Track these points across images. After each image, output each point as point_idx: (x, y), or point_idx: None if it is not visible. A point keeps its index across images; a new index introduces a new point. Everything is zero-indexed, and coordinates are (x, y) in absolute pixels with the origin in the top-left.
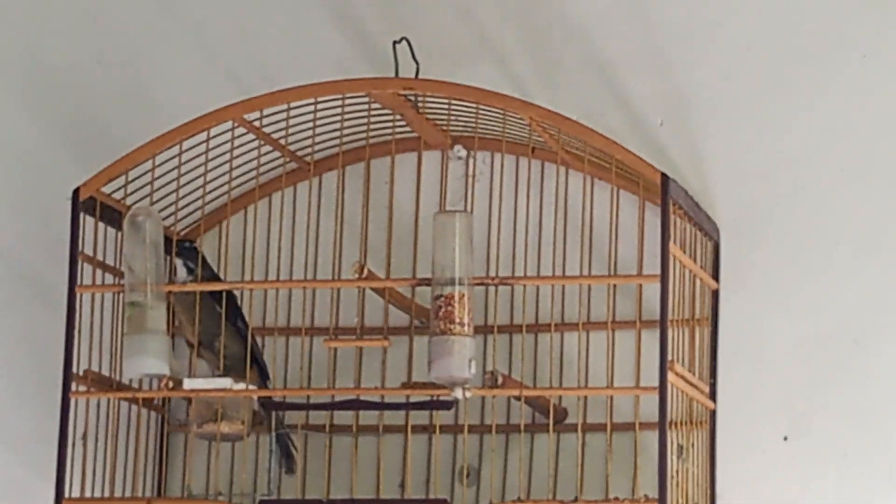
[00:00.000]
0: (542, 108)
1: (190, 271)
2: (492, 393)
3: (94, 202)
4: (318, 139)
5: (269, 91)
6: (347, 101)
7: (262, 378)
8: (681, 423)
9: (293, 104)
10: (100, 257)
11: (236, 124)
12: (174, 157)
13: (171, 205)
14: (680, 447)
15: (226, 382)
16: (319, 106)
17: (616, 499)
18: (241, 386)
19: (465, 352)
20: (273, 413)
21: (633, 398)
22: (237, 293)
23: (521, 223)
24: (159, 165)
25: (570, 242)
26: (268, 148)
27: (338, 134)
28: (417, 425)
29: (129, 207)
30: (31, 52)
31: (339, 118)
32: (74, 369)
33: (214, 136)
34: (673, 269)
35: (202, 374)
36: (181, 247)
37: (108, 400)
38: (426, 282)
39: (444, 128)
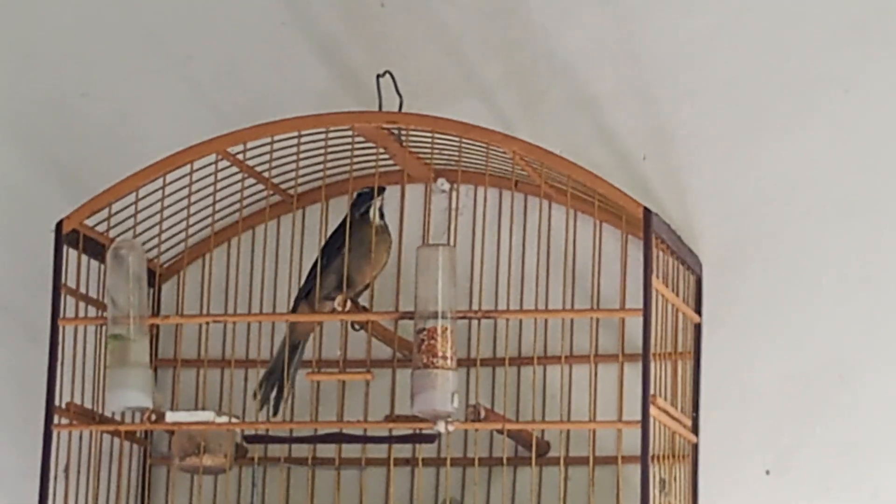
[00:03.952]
0: (525, 142)
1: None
2: (474, 426)
3: (77, 235)
4: (301, 172)
5: (253, 124)
6: (331, 135)
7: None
8: (663, 457)
9: (277, 137)
10: (83, 290)
11: (220, 157)
12: (157, 189)
13: (154, 237)
14: (662, 481)
15: (208, 415)
16: (303, 139)
17: None
18: (224, 419)
19: (448, 385)
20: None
21: (615, 432)
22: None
23: (504, 257)
24: (143, 198)
25: (553, 276)
26: (251, 181)
27: (321, 167)
28: (400, 458)
29: (112, 240)
30: (15, 84)
31: (322, 151)
32: (57, 402)
33: (198, 169)
34: (655, 303)
35: (185, 407)
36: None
37: (91, 433)
38: (409, 315)
39: (428, 161)
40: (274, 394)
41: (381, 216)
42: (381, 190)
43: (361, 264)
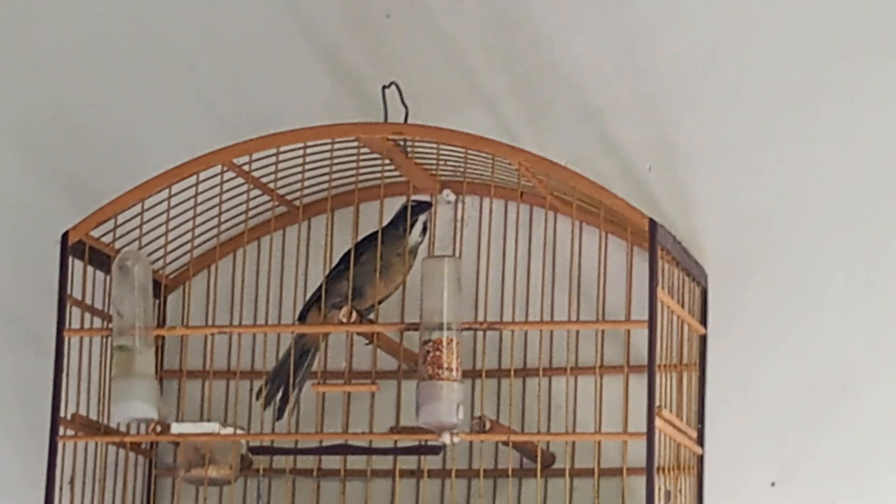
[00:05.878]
0: (530, 153)
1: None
2: (479, 438)
3: (82, 246)
4: (307, 183)
5: (259, 135)
6: (336, 146)
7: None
8: (668, 469)
9: (282, 148)
10: (88, 301)
11: (225, 168)
12: (163, 200)
13: (159, 248)
14: (668, 493)
15: (213, 427)
16: (308, 150)
17: None
18: (229, 430)
19: (453, 397)
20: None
21: (620, 443)
22: None
23: (509, 268)
24: (148, 209)
25: (558, 287)
26: (257, 192)
27: (327, 178)
28: (405, 470)
29: (117, 251)
30: (20, 95)
31: (328, 162)
32: (62, 413)
33: (203, 180)
34: (661, 315)
35: (190, 419)
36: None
37: (96, 444)
38: (414, 326)
39: (433, 172)
40: (279, 396)
41: (423, 232)
42: (427, 206)
43: (375, 279)
